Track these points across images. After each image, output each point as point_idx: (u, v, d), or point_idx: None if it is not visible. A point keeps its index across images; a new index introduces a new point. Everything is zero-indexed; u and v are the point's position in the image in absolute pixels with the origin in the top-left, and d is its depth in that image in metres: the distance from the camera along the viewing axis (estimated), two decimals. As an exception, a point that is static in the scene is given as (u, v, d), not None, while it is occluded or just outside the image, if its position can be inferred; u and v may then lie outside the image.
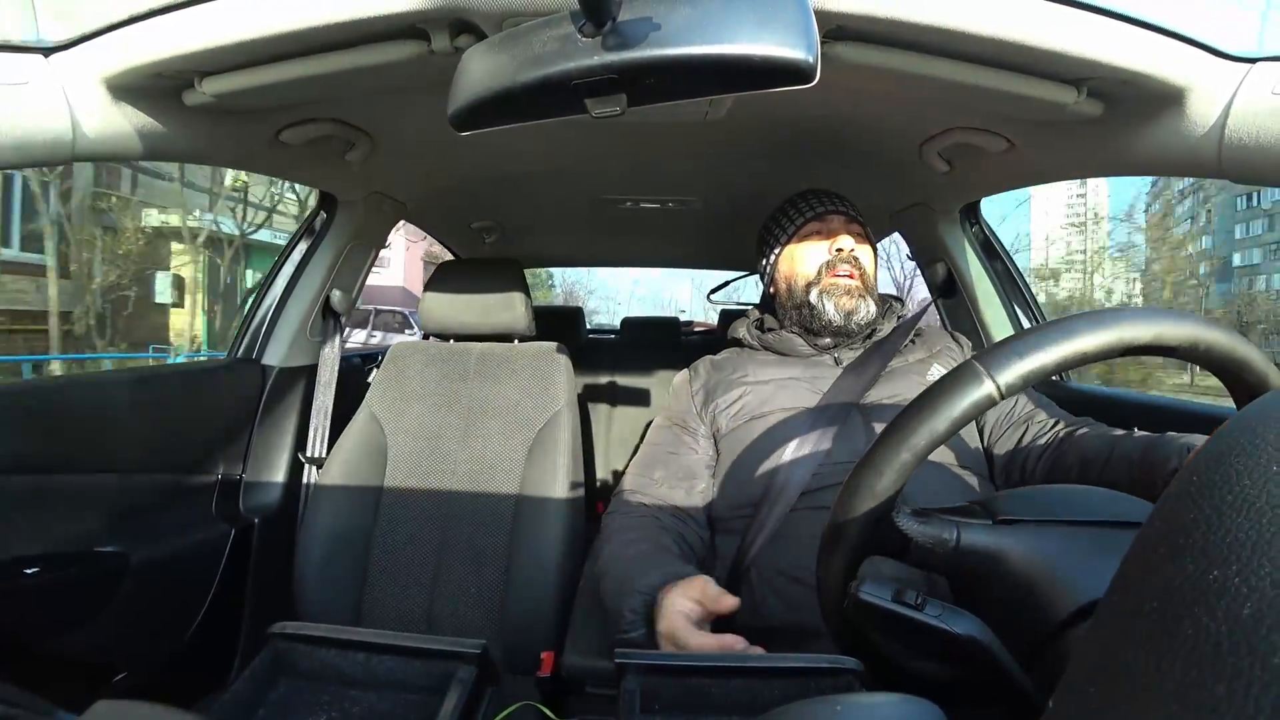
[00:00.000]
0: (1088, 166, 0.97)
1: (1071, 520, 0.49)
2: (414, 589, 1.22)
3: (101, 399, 1.08)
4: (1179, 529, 0.22)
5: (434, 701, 0.57)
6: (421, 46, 0.72)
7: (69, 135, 0.72)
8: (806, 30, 0.43)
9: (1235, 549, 0.20)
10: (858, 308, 1.06)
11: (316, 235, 1.46)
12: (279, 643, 0.63)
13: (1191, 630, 0.19)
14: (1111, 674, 0.21)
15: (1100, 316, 0.45)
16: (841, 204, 1.15)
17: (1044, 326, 0.46)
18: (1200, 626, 0.19)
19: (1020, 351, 0.45)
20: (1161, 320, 0.45)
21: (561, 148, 1.29)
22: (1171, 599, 0.20)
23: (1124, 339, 0.44)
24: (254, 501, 1.34)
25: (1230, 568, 0.19)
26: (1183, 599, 0.20)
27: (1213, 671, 0.17)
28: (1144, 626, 0.21)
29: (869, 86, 0.81)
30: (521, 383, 1.34)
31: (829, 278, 1.08)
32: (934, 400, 0.46)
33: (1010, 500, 0.52)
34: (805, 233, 1.14)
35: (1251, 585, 0.18)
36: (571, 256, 3.00)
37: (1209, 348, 0.45)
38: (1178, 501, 0.24)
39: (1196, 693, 0.17)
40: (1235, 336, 0.46)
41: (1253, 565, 0.19)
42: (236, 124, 0.93)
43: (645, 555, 0.90)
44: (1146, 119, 0.76)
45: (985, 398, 0.45)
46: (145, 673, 1.09)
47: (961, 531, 0.49)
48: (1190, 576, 0.20)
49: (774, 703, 0.56)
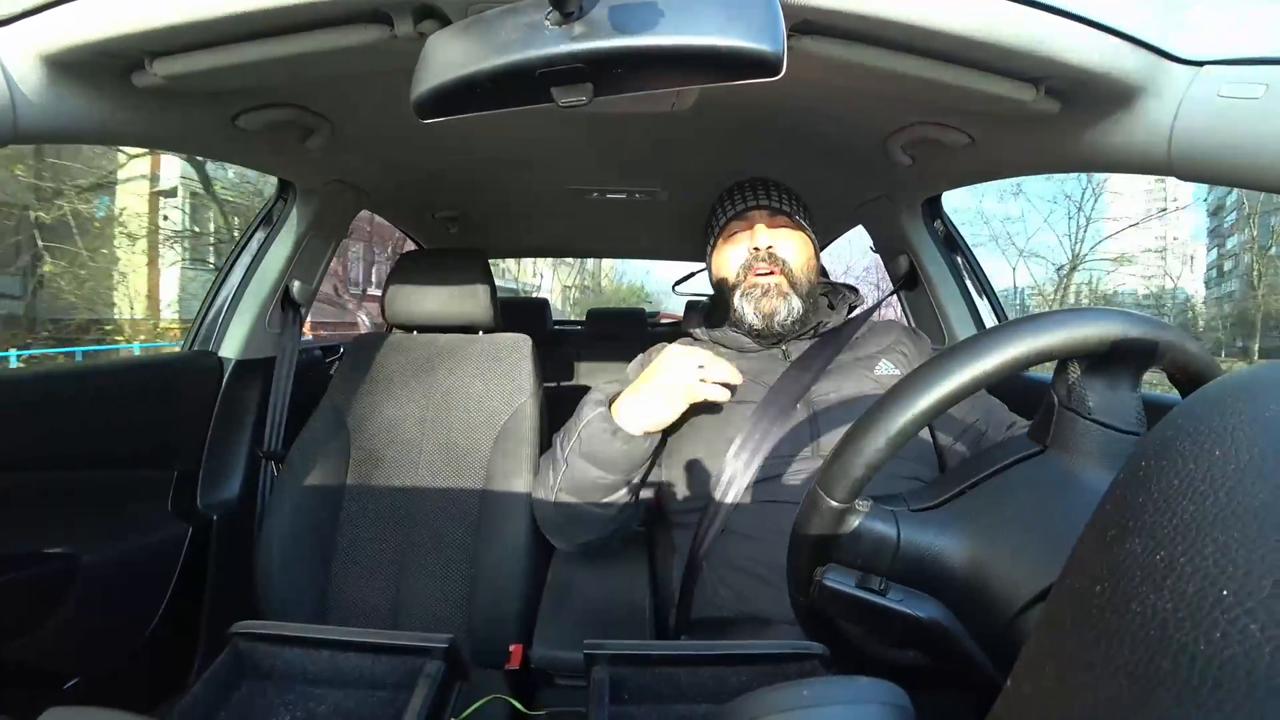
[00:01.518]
0: (1045, 162, 0.99)
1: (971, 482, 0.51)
2: (379, 584, 1.21)
3: (50, 392, 1.04)
4: (1128, 512, 0.23)
5: (401, 698, 0.57)
6: (384, 31, 0.70)
7: (9, 117, 0.69)
8: (774, 23, 0.44)
9: (1181, 530, 0.21)
10: (778, 309, 1.03)
11: (275, 224, 1.42)
12: (240, 642, 0.62)
13: (1139, 609, 0.20)
14: (1065, 652, 0.22)
15: (906, 385, 0.47)
16: (767, 195, 1.10)
17: (861, 423, 0.48)
18: (1148, 605, 0.19)
19: (845, 463, 0.47)
20: (966, 357, 0.46)
21: (527, 137, 1.28)
22: (1121, 579, 0.21)
23: (943, 396, 0.45)
24: (212, 498, 1.31)
25: (1176, 548, 0.20)
26: (1131, 579, 0.21)
27: (1160, 648, 0.18)
28: (1096, 605, 0.21)
29: (834, 80, 0.82)
30: (486, 374, 1.33)
31: (749, 278, 1.05)
32: (793, 538, 0.51)
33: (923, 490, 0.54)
34: (729, 231, 1.12)
35: (1196, 565, 0.19)
36: (538, 247, 2.98)
37: (1016, 362, 0.46)
38: (1126, 486, 0.25)
39: (1145, 667, 0.18)
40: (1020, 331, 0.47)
41: (1197, 545, 0.20)
42: (190, 108, 0.90)
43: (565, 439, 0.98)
44: (1101, 117, 0.79)
45: (830, 513, 0.48)
46: (100, 677, 1.06)
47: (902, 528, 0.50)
48: (1139, 557, 0.21)
49: (741, 689, 0.56)
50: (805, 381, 1.00)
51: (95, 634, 1.06)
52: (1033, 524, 0.48)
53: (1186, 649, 0.18)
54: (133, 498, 1.17)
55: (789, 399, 0.98)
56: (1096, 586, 0.22)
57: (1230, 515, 0.20)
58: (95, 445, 1.10)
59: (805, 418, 0.97)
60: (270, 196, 1.46)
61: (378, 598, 1.20)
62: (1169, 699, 0.17)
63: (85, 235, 9.68)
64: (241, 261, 1.43)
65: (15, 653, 0.95)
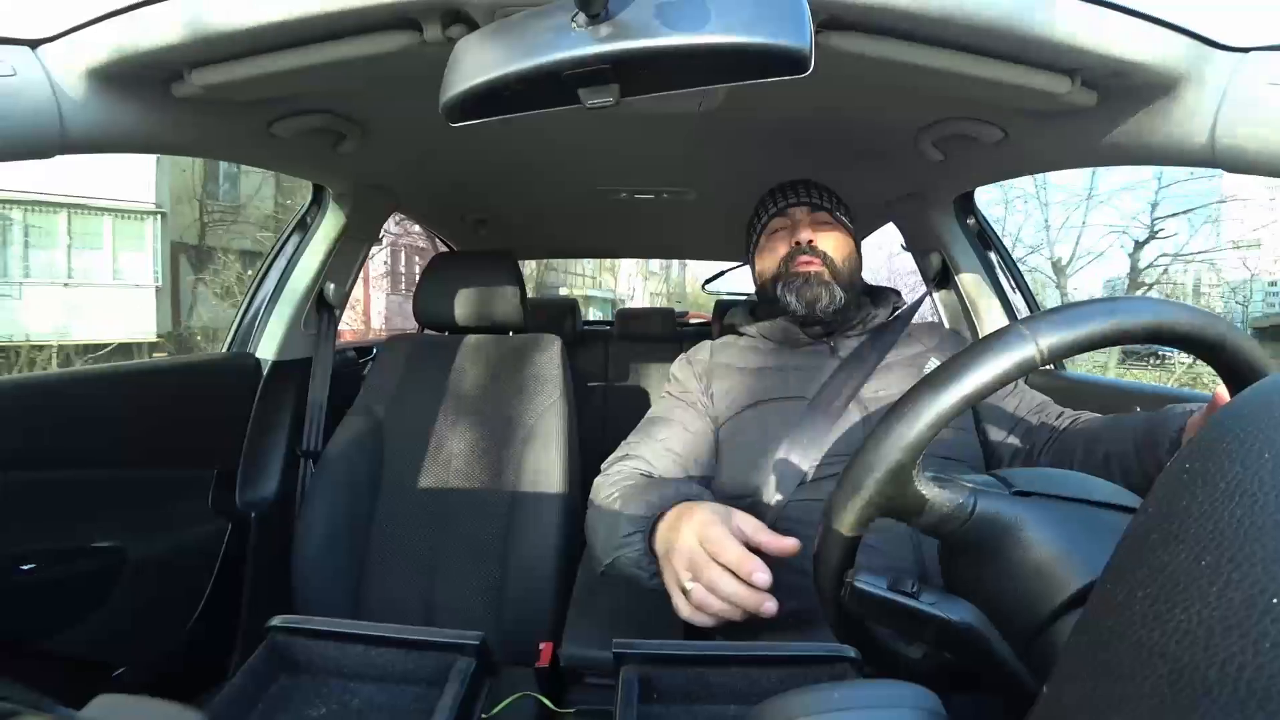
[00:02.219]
0: (1081, 156, 0.97)
1: (1085, 500, 0.48)
2: (412, 581, 1.23)
3: (98, 393, 1.07)
4: (1172, 516, 0.22)
5: (433, 693, 0.57)
6: (414, 37, 0.71)
7: (57, 128, 0.71)
8: (801, 20, 0.43)
9: (1228, 535, 0.20)
10: (820, 295, 1.04)
11: (309, 228, 1.45)
12: (278, 636, 0.63)
13: (1184, 617, 0.19)
14: (1104, 660, 0.21)
15: (1144, 302, 0.45)
16: (807, 194, 1.14)
17: (1089, 301, 0.46)
18: (1192, 613, 0.19)
19: (1066, 319, 0.44)
20: (1201, 319, 0.45)
21: (555, 139, 1.29)
22: (1164, 586, 0.21)
23: (1163, 327, 0.44)
24: (250, 495, 1.34)
25: (1223, 554, 0.19)
26: (1175, 585, 0.20)
27: (1205, 658, 0.18)
28: (1138, 612, 0.21)
29: (863, 76, 0.81)
30: (516, 374, 1.34)
31: (791, 269, 1.07)
32: (978, 353, 0.45)
33: (1025, 475, 0.52)
34: (770, 229, 1.15)
35: (1244, 572, 0.19)
36: (566, 248, 2.99)
37: (1235, 350, 0.45)
38: (1170, 489, 0.24)
39: (1189, 678, 0.18)
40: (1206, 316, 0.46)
41: (1245, 551, 0.19)
42: (227, 116, 0.93)
43: (639, 486, 0.88)
44: (1140, 109, 0.76)
45: (1028, 359, 0.44)
46: (144, 668, 1.09)
47: (979, 499, 0.47)
48: (1183, 563, 0.20)
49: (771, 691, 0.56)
50: (857, 380, 0.99)
51: (140, 626, 1.09)
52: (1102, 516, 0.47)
53: (1234, 659, 0.17)
54: (175, 495, 1.21)
55: (841, 398, 0.97)
56: (1138, 593, 0.21)
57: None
58: (139, 444, 1.13)
59: (858, 417, 0.97)
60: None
61: (411, 594, 1.22)
62: (1214, 711, 0.16)
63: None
64: (277, 265, 1.46)
65: (67, 642, 0.99)
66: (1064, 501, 0.48)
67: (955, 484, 0.48)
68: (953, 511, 0.47)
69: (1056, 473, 0.55)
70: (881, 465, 0.45)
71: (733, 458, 1.01)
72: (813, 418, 0.96)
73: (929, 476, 0.47)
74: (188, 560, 1.19)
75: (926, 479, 0.47)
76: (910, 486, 0.46)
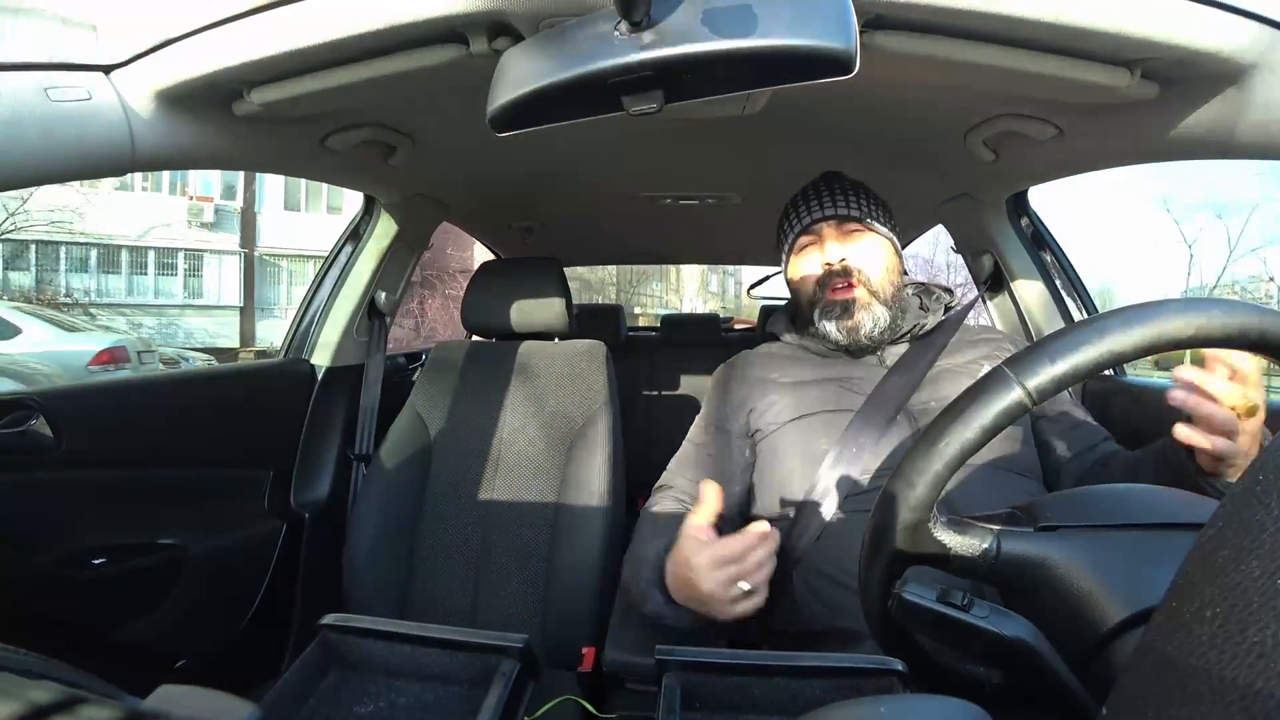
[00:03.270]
0: (1141, 152, 0.93)
1: (1117, 524, 0.47)
2: (458, 584, 1.25)
3: (163, 397, 1.13)
4: (1244, 530, 0.21)
5: (477, 694, 0.58)
6: (460, 50, 0.73)
7: (128, 147, 0.76)
8: (845, 20, 0.43)
9: None
10: (861, 322, 0.99)
11: (361, 238, 1.50)
12: (329, 634, 0.65)
13: (1257, 637, 0.18)
14: (1170, 681, 0.20)
15: (1134, 312, 0.43)
16: (833, 202, 1.04)
17: (1075, 327, 0.44)
18: (1266, 633, 0.18)
19: (1051, 355, 0.43)
20: (1202, 311, 0.42)
21: (600, 146, 1.30)
22: (1236, 604, 0.19)
23: (1163, 335, 0.42)
24: (304, 497, 1.39)
25: None
26: (1248, 604, 0.19)
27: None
28: (1206, 632, 0.20)
29: (910, 75, 0.80)
30: (562, 381, 1.35)
31: (827, 296, 1.01)
32: (963, 408, 0.45)
33: (1052, 505, 0.50)
34: (799, 247, 1.07)
35: None
36: (612, 254, 3.01)
37: (1262, 334, 0.42)
38: (1243, 501, 0.23)
39: (1263, 702, 0.17)
40: None
41: None
42: (284, 132, 0.96)
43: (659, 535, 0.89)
44: (1206, 100, 0.73)
45: (1016, 405, 0.43)
46: (203, 660, 1.14)
47: (1001, 540, 0.47)
48: (1256, 580, 0.19)
49: (816, 702, 0.55)
50: (905, 390, 0.95)
51: (200, 620, 1.14)
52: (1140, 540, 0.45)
53: None
54: (233, 495, 1.26)
55: (890, 408, 0.93)
56: (1207, 612, 0.20)
57: None
58: (201, 446, 1.19)
59: (907, 427, 0.93)
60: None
61: (457, 596, 1.24)
62: None
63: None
64: (331, 275, 1.51)
65: (132, 633, 1.04)
66: (1093, 530, 0.47)
67: (976, 528, 0.48)
68: (978, 556, 0.47)
69: (1085, 495, 0.54)
70: (894, 526, 0.47)
71: (775, 472, 0.98)
72: (861, 429, 0.93)
73: (945, 523, 0.47)
74: (245, 558, 1.24)
75: (944, 527, 0.47)
76: (929, 538, 0.47)
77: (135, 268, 13.95)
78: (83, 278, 13.28)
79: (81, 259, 13.35)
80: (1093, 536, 0.46)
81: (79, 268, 13.32)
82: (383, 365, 1.56)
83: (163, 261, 14.19)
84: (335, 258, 1.53)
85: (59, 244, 12.96)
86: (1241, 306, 0.42)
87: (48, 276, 12.90)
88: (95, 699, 0.28)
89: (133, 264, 13.91)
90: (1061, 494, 0.54)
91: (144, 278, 14.04)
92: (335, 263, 1.52)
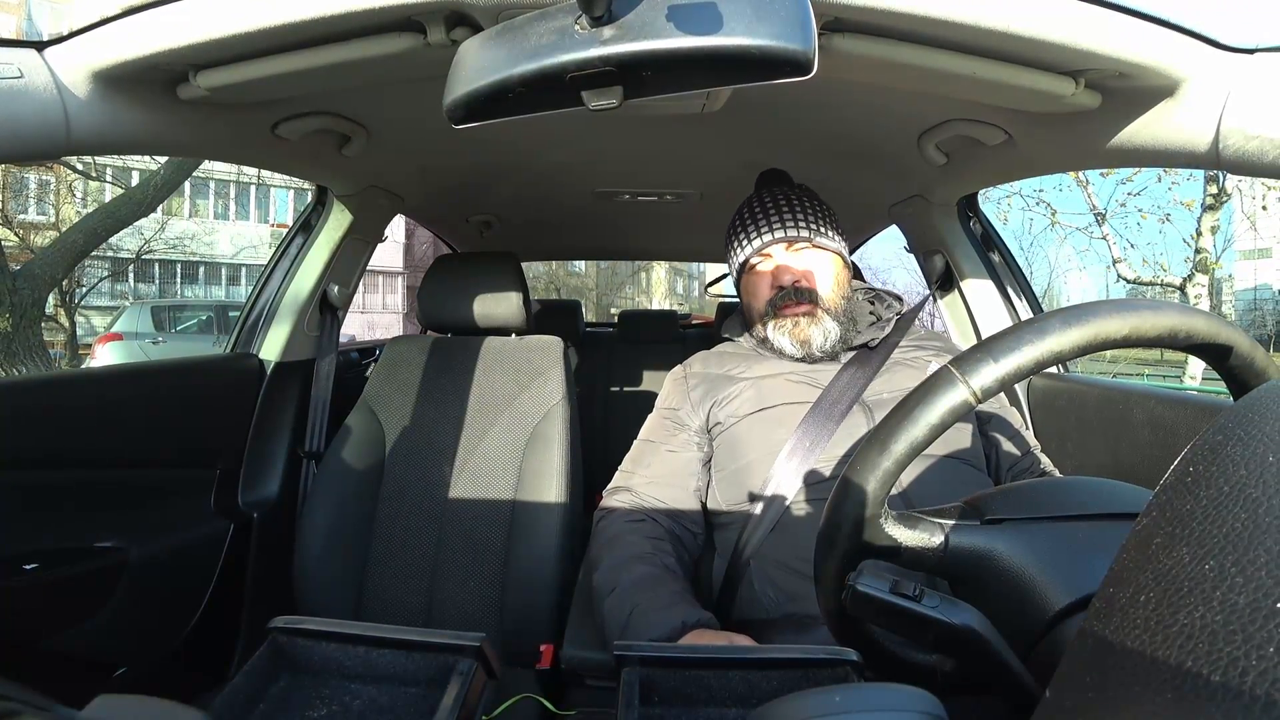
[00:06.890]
0: (1085, 158, 0.97)
1: (1060, 515, 0.49)
2: (413, 582, 1.23)
3: (99, 394, 1.08)
4: (1175, 519, 0.22)
5: (434, 695, 0.57)
6: (417, 39, 0.71)
7: (63, 129, 0.72)
8: (804, 22, 0.43)
9: (1231, 539, 0.20)
10: (812, 335, 1.02)
11: (313, 230, 1.45)
12: (279, 637, 0.63)
13: (1187, 620, 0.19)
14: (1107, 663, 0.21)
15: (1073, 313, 0.45)
16: (780, 220, 1.06)
17: (1016, 327, 0.46)
18: (1195, 616, 0.19)
19: (995, 355, 0.45)
20: (1136, 312, 0.44)
21: (558, 141, 1.29)
22: (1168, 589, 0.20)
23: (1100, 334, 0.44)
24: (252, 496, 1.34)
25: (1227, 557, 0.19)
26: (1179, 589, 0.20)
27: (1209, 662, 0.17)
28: (1140, 616, 0.21)
29: (867, 79, 0.81)
30: (519, 376, 1.34)
31: (778, 315, 1.05)
32: (911, 407, 0.47)
33: (998, 499, 0.52)
34: (750, 266, 1.10)
35: (1248, 575, 0.18)
36: (570, 250, 2.99)
37: (1189, 334, 0.45)
38: (1174, 492, 0.24)
39: (1192, 682, 0.17)
40: (1217, 321, 0.45)
41: (1249, 555, 0.19)
42: (231, 118, 0.93)
43: (652, 583, 0.88)
44: (1144, 110, 0.76)
45: (962, 404, 0.45)
46: (145, 668, 1.09)
47: (950, 534, 0.49)
48: (1186, 566, 0.20)
49: (772, 694, 0.56)
50: (860, 384, 0.99)
51: (142, 626, 1.10)
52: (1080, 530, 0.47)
53: (1237, 664, 0.17)
54: (177, 495, 1.21)
55: (845, 401, 0.97)
56: (1141, 596, 0.21)
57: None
58: (141, 444, 1.14)
59: (863, 418, 0.97)
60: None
61: (412, 596, 1.22)
62: (1217, 716, 0.16)
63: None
64: (280, 267, 1.46)
65: (68, 642, 0.99)
66: (1037, 522, 0.49)
67: (926, 522, 0.50)
68: (927, 549, 0.49)
69: (1031, 488, 0.56)
70: (847, 522, 0.49)
71: (733, 465, 1.01)
72: (816, 420, 0.96)
73: (896, 518, 0.50)
74: (189, 561, 1.19)
75: (895, 522, 0.49)
76: (881, 533, 0.49)
77: (231, 281, 18.62)
78: (193, 288, 17.97)
79: (190, 274, 18.13)
80: (1036, 528, 0.49)
81: (190, 280, 18.11)
82: (335, 360, 1.52)
83: (252, 276, 17.98)
84: (285, 249, 1.48)
85: (175, 262, 17.49)
86: (1171, 308, 0.45)
87: (170, 290, 17.60)
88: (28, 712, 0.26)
89: (229, 278, 18.63)
90: (1007, 487, 0.56)
91: (238, 288, 18.32)
92: (285, 254, 1.47)
